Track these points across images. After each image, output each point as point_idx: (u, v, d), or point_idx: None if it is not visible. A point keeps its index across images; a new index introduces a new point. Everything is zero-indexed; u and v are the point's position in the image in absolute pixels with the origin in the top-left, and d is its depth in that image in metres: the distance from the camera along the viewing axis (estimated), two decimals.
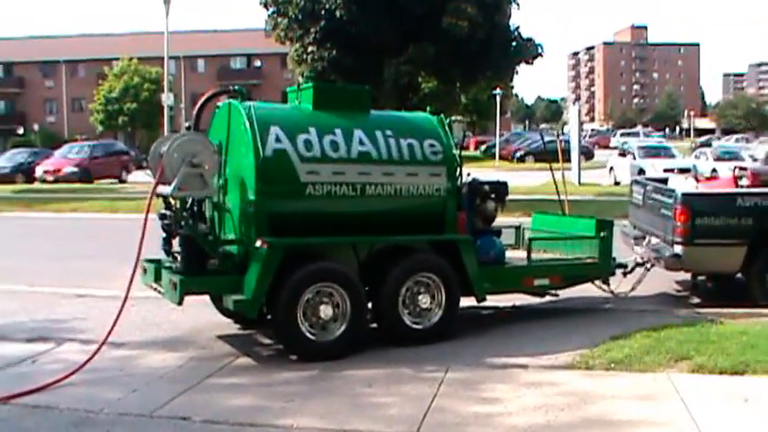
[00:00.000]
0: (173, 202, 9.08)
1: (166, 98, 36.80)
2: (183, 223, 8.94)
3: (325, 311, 8.79)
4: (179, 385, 7.86)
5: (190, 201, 9.15)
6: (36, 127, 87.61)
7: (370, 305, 9.29)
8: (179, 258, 9.10)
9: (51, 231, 22.77)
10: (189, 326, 10.29)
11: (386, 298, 9.20)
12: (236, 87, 9.55)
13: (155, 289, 9.47)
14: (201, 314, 10.41)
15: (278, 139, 8.98)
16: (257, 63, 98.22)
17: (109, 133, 78.29)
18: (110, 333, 8.64)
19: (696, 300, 12.05)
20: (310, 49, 30.25)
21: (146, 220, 8.69)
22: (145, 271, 9.62)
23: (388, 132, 9.66)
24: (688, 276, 12.48)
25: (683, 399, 7.29)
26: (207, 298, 9.94)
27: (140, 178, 38.69)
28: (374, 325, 9.45)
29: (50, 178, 43.17)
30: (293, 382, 8.00)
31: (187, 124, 9.73)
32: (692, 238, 11.09)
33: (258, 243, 8.63)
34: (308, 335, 8.75)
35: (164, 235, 9.39)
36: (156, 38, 46.94)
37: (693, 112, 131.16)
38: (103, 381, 8.05)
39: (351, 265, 9.30)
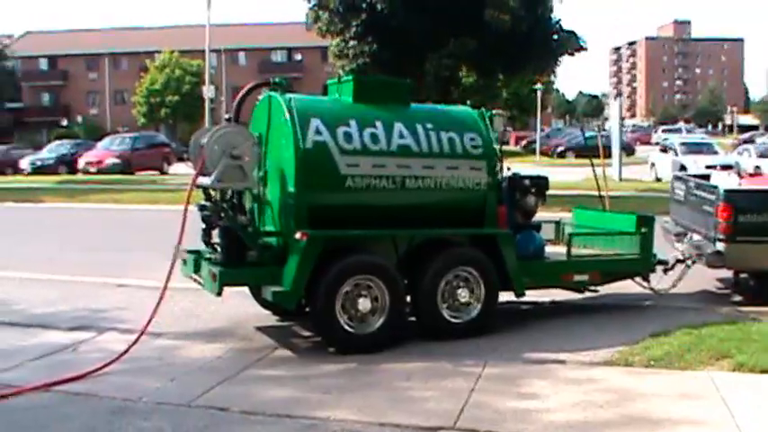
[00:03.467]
0: (213, 193, 9.12)
1: (207, 91, 37.01)
2: (222, 215, 8.97)
3: (364, 304, 8.78)
4: (217, 376, 7.89)
5: (230, 192, 9.18)
6: (79, 119, 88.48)
7: (408, 299, 9.27)
8: (219, 250, 9.15)
9: (93, 222, 23.00)
10: (228, 317, 10.34)
11: (425, 292, 9.18)
12: (277, 79, 9.56)
13: (194, 280, 9.52)
14: (241, 305, 10.45)
15: (318, 132, 8.98)
16: (298, 56, 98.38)
17: (151, 126, 78.91)
18: (149, 323, 8.71)
19: (738, 298, 11.89)
20: (351, 42, 30.31)
21: (185, 211, 8.74)
22: (185, 262, 9.67)
23: (429, 125, 9.62)
24: (730, 274, 12.33)
25: (723, 398, 7.21)
26: (246, 289, 9.97)
27: (181, 170, 38.98)
28: (412, 318, 9.43)
29: (93, 169, 43.74)
30: (331, 375, 8.01)
31: (227, 116, 9.76)
32: (734, 236, 10.94)
33: (298, 235, 8.63)
34: (346, 327, 8.75)
35: (203, 226, 9.43)
36: (198, 31, 47.15)
37: (736, 109, 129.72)
38: (143, 370, 8.12)
39: (390, 258, 9.28)
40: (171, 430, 6.56)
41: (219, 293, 8.75)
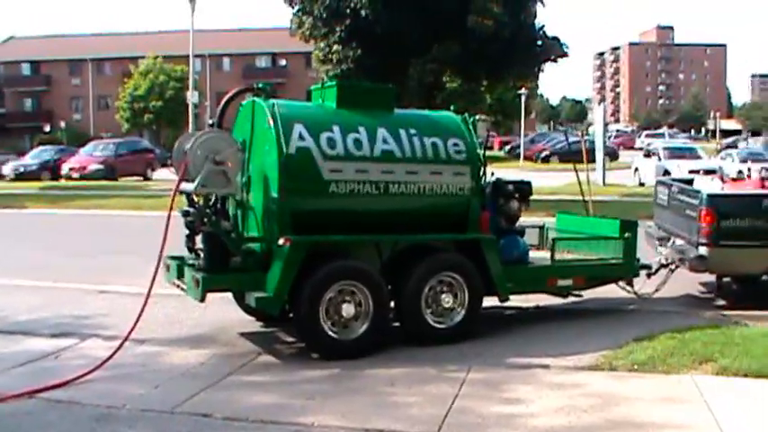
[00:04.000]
0: (196, 199, 9.10)
1: (191, 96, 36.93)
2: (206, 220, 8.95)
3: (348, 310, 8.78)
4: (201, 382, 7.87)
5: (213, 198, 9.17)
6: (62, 124, 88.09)
7: (392, 304, 9.27)
8: (202, 255, 9.12)
9: (76, 228, 22.91)
10: (211, 323, 10.31)
11: (408, 297, 9.18)
12: (261, 85, 9.54)
13: (177, 286, 9.49)
14: (224, 311, 10.42)
15: (301, 137, 8.97)
16: (282, 62, 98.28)
17: (134, 131, 78.68)
18: (132, 329, 8.68)
19: (721, 302, 11.93)
20: (335, 47, 30.35)
21: (169, 217, 8.72)
22: (168, 268, 9.64)
23: (412, 131, 9.63)
24: (713, 278, 12.37)
25: (706, 401, 7.24)
26: (229, 295, 9.94)
27: (165, 176, 38.89)
28: (396, 324, 9.43)
29: (76, 175, 43.65)
30: (315, 381, 8.00)
31: (211, 122, 9.74)
32: (717, 240, 10.99)
33: (281, 241, 8.62)
34: (330, 333, 8.74)
35: (187, 232, 9.41)
36: (182, 36, 47.18)
37: (719, 114, 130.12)
38: (126, 377, 8.09)
39: (373, 263, 9.28)
40: None
41: (203, 299, 8.74)
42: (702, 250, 11.10)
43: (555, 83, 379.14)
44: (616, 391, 7.60)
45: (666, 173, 31.95)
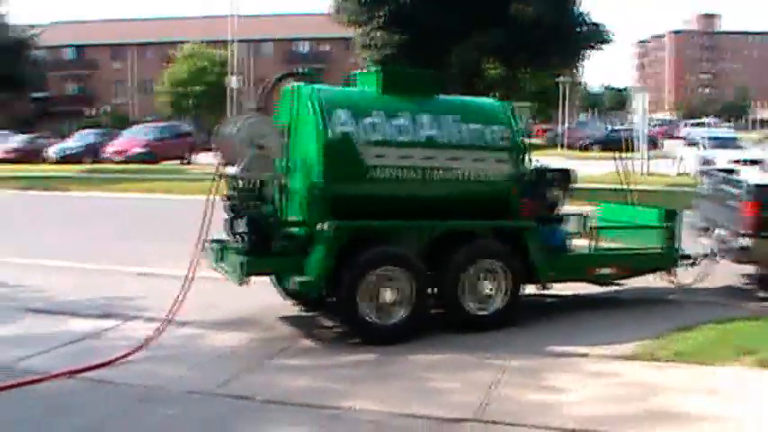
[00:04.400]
0: (238, 183, 9.14)
1: (233, 81, 37.11)
2: (248, 204, 8.99)
3: (388, 295, 8.79)
4: (241, 365, 7.94)
5: (255, 182, 9.20)
6: (105, 108, 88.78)
7: (432, 290, 9.27)
8: (244, 239, 9.16)
9: (118, 211, 23.08)
10: (251, 307, 10.34)
11: (448, 283, 9.18)
12: (304, 70, 9.56)
13: (219, 270, 9.54)
14: (264, 295, 10.45)
15: (343, 122, 8.99)
16: (323, 47, 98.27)
17: (175, 116, 78.93)
18: (176, 310, 8.77)
19: (763, 293, 11.81)
20: (378, 33, 30.38)
21: (213, 201, 8.78)
22: (209, 252, 9.68)
23: (455, 117, 9.61)
24: (755, 269, 12.24)
25: (747, 393, 7.19)
26: (269, 280, 9.98)
27: (206, 160, 39.05)
28: (436, 310, 9.43)
29: (118, 158, 43.82)
30: (354, 366, 8.03)
31: (253, 106, 9.78)
32: (760, 231, 10.87)
33: (323, 226, 8.64)
34: (370, 318, 8.77)
35: (228, 216, 9.45)
36: (224, 21, 47.33)
37: (762, 103, 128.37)
38: (167, 358, 8.18)
39: (414, 249, 9.26)
40: (195, 418, 6.62)
41: (244, 283, 8.78)
42: (746, 241, 10.97)
43: (596, 71, 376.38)
44: (654, 380, 7.56)
45: (708, 162, 31.62)
